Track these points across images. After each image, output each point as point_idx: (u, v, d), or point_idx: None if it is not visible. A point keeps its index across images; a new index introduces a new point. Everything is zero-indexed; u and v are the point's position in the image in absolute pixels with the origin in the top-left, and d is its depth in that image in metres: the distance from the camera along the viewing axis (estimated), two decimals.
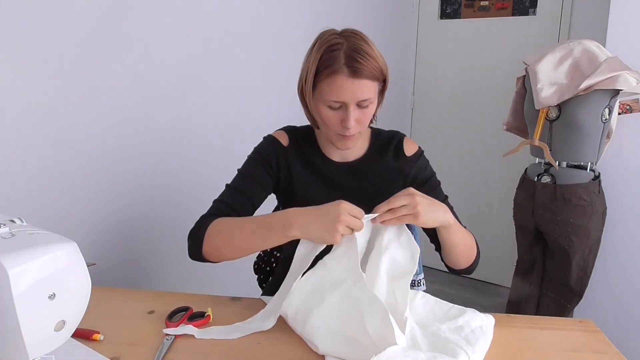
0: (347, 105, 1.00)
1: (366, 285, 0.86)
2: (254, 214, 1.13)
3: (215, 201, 1.12)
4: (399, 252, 0.95)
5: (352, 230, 0.91)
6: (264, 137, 1.19)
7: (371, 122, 1.11)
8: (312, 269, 0.96)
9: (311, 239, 0.94)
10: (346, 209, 0.91)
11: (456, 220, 1.05)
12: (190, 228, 1.06)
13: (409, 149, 1.18)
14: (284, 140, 1.17)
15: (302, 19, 2.13)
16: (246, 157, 1.18)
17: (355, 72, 0.97)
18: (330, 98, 1.00)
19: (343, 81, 0.97)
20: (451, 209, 1.13)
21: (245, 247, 1.01)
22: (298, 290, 0.94)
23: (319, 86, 1.01)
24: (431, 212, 0.95)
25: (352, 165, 1.16)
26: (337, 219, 0.89)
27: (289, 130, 1.20)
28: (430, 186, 1.17)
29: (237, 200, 1.10)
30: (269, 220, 0.99)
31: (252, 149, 1.19)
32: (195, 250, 1.03)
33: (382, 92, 1.08)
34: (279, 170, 1.15)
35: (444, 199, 1.18)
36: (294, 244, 1.10)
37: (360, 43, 0.99)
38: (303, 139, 1.18)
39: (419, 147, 1.20)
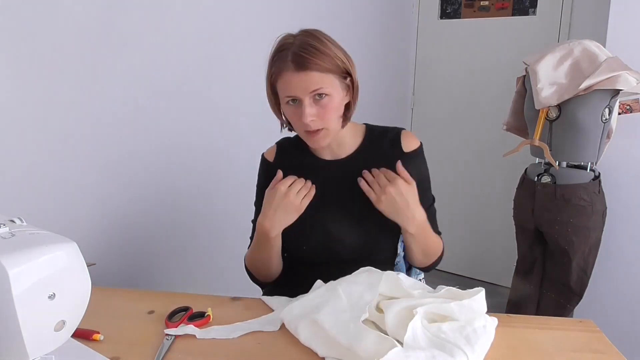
0: (301, 99, 1.01)
1: (361, 325, 0.84)
2: None
3: (250, 239, 1.22)
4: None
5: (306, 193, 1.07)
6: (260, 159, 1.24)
7: (345, 119, 1.10)
8: (323, 290, 0.98)
9: (288, 222, 1.08)
10: (285, 184, 1.06)
11: (421, 230, 1.09)
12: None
13: (408, 145, 1.15)
14: (271, 155, 1.21)
15: (302, 19, 2.13)
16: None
17: (299, 65, 0.98)
18: (284, 95, 1.03)
19: (290, 76, 1.00)
20: (434, 213, 1.20)
21: (266, 265, 1.15)
22: (302, 303, 0.95)
23: (276, 87, 1.05)
24: (392, 211, 1.06)
25: (344, 162, 1.15)
26: (285, 197, 1.06)
27: (280, 142, 1.23)
28: (421, 188, 1.14)
29: None
30: (258, 239, 1.11)
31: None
32: (257, 283, 1.21)
33: (352, 89, 1.08)
34: None
35: (431, 203, 1.19)
36: (293, 245, 1.14)
37: (309, 40, 1.01)
38: (294, 146, 1.19)
39: (420, 142, 1.18)
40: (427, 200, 1.16)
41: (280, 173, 1.10)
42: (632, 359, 0.97)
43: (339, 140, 1.13)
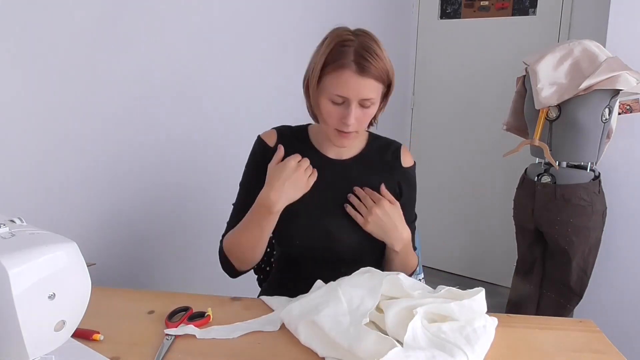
0: (350, 101, 1.00)
1: (361, 327, 0.85)
2: None
3: (227, 223, 1.19)
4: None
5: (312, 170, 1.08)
6: (255, 140, 1.21)
7: (371, 124, 1.12)
8: (324, 291, 0.97)
9: (295, 197, 1.06)
10: (295, 159, 1.06)
11: (406, 248, 1.13)
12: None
13: (406, 160, 1.19)
14: (271, 140, 1.17)
15: (302, 19, 2.13)
16: (245, 160, 1.19)
17: (362, 69, 0.98)
18: (334, 92, 1.00)
19: (349, 76, 0.98)
20: (414, 230, 1.21)
21: (254, 246, 1.10)
22: (301, 304, 0.94)
23: (324, 79, 1.02)
24: (379, 232, 1.09)
25: (346, 163, 1.16)
26: (296, 171, 1.05)
27: (280, 129, 1.20)
28: (409, 205, 1.19)
29: (243, 216, 1.12)
30: (254, 214, 1.07)
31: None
32: (230, 271, 1.15)
33: (385, 96, 1.09)
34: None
35: (413, 220, 1.22)
36: (287, 241, 1.16)
37: (371, 43, 1.01)
38: (295, 137, 1.18)
39: (414, 162, 1.22)
40: (410, 217, 1.20)
41: (282, 149, 1.10)
42: (632, 359, 0.97)
43: None
